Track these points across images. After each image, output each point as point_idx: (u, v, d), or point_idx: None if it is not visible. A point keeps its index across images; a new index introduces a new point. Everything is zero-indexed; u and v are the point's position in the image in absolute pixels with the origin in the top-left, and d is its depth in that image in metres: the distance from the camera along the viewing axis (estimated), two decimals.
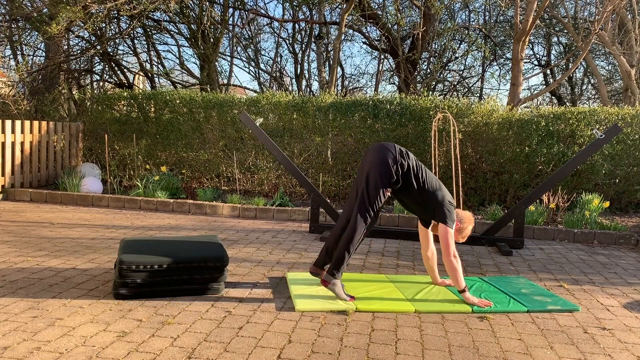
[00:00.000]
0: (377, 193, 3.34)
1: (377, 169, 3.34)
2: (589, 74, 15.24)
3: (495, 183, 6.99)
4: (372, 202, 3.35)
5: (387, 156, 3.35)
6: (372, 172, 3.35)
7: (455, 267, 3.36)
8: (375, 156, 3.38)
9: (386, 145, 3.42)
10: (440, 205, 3.39)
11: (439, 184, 3.47)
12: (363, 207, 3.35)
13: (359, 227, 3.34)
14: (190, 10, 10.34)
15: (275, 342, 2.72)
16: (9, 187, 7.12)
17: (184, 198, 7.05)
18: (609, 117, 6.82)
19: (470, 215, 3.64)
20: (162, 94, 8.00)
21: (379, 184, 3.33)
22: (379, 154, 3.37)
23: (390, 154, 3.36)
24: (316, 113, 7.29)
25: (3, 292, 3.30)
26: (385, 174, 3.33)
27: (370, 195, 3.34)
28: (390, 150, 3.39)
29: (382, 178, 3.33)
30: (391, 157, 3.35)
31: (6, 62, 11.00)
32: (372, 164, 3.37)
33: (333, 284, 3.36)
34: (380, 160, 3.35)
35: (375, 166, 3.35)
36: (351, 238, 3.33)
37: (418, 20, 11.58)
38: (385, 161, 3.34)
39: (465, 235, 3.59)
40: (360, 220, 3.34)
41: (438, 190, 3.42)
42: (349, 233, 3.35)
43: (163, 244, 3.54)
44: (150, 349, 2.57)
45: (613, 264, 4.68)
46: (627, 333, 3.03)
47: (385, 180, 3.34)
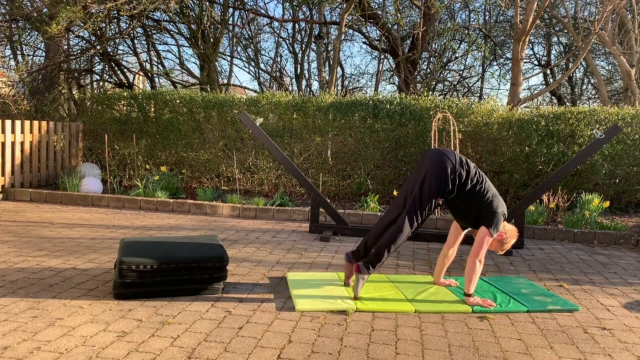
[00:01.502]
0: (430, 200, 3.31)
1: (435, 176, 3.29)
2: (589, 74, 15.25)
3: (495, 183, 6.99)
4: (423, 208, 3.32)
5: (446, 164, 3.30)
6: (429, 177, 3.31)
7: (476, 269, 3.34)
8: (434, 162, 3.33)
9: (446, 153, 3.36)
10: (494, 213, 3.34)
11: (495, 193, 3.42)
12: (412, 212, 3.33)
13: (404, 230, 3.33)
14: (190, 10, 10.34)
15: (275, 342, 2.72)
16: (9, 187, 7.12)
17: (184, 198, 7.05)
18: (609, 117, 6.82)
19: (516, 230, 3.58)
20: (162, 94, 8.00)
21: (433, 191, 3.30)
22: (439, 161, 3.32)
23: (450, 163, 3.31)
24: (316, 113, 7.29)
25: (3, 292, 3.30)
26: (442, 182, 3.29)
27: (422, 201, 3.31)
28: (450, 158, 3.33)
29: (437, 186, 3.29)
30: (450, 166, 3.31)
31: (6, 62, 11.01)
32: (429, 170, 3.32)
33: (363, 277, 3.37)
34: (439, 167, 3.30)
35: (433, 172, 3.30)
36: (395, 239, 3.33)
37: (418, 20, 11.58)
38: (444, 169, 3.29)
39: (505, 249, 3.53)
40: (407, 224, 3.33)
41: (495, 198, 3.38)
42: (393, 233, 3.34)
43: (163, 244, 3.54)
44: (150, 349, 2.57)
45: (613, 264, 4.68)
46: (627, 333, 3.03)
47: (441, 188, 3.30)
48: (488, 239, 3.33)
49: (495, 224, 3.33)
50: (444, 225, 5.94)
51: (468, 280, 3.37)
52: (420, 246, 5.17)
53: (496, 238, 3.45)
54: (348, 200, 7.31)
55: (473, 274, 3.35)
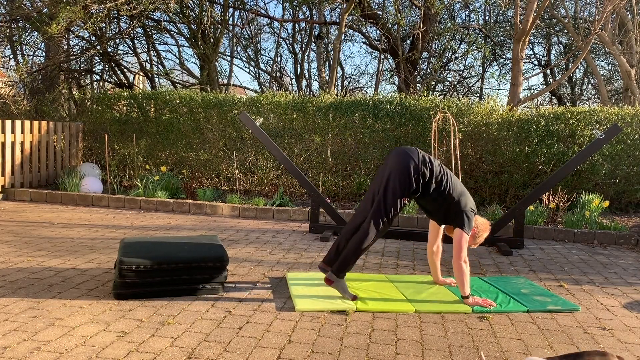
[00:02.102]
0: (395, 201, 3.27)
1: (398, 177, 3.25)
2: (589, 74, 15.25)
3: (495, 183, 6.99)
4: (389, 210, 3.28)
5: (409, 164, 3.26)
6: (392, 179, 3.26)
7: (464, 271, 3.33)
8: (397, 162, 3.28)
9: (409, 152, 3.31)
10: (462, 211, 3.33)
11: (462, 190, 3.40)
12: (378, 214, 3.29)
13: (370, 233, 3.29)
14: (190, 10, 10.34)
15: (275, 342, 2.72)
16: (9, 187, 7.12)
17: (184, 198, 7.05)
18: (609, 117, 6.82)
19: (488, 223, 3.58)
20: (162, 94, 8.00)
21: (397, 192, 3.26)
22: (402, 161, 3.27)
23: (413, 162, 3.26)
24: (316, 113, 7.29)
25: (3, 292, 3.30)
26: (405, 183, 3.25)
27: (387, 203, 3.27)
28: (413, 157, 3.28)
29: (401, 186, 3.25)
30: (413, 165, 3.26)
31: (6, 62, 11.00)
32: (392, 170, 3.28)
33: (337, 283, 3.35)
34: (402, 167, 3.26)
35: (396, 173, 3.26)
36: (361, 242, 3.29)
37: (418, 20, 11.58)
38: (407, 169, 3.25)
39: (478, 242, 3.54)
40: (373, 227, 3.29)
41: (462, 196, 3.36)
42: (360, 237, 3.30)
43: (163, 244, 3.54)
44: (150, 349, 2.57)
45: (613, 264, 4.68)
46: (627, 333, 3.03)
47: (405, 189, 3.26)
48: (465, 237, 3.33)
49: (467, 222, 3.33)
50: None
51: (460, 283, 3.36)
52: (421, 246, 5.17)
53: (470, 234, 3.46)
54: (348, 200, 7.31)
55: (463, 276, 3.34)
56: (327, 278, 3.37)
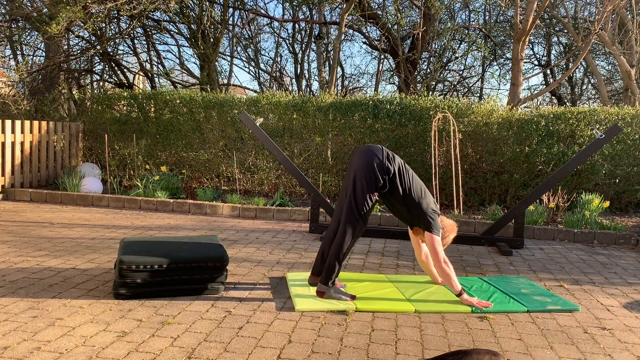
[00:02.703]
0: (364, 198, 3.29)
1: (364, 174, 3.28)
2: (589, 74, 15.25)
3: (495, 183, 6.99)
4: (360, 207, 3.30)
5: (373, 160, 3.29)
6: (359, 176, 3.30)
7: (448, 273, 3.33)
8: (361, 160, 3.32)
9: (372, 149, 3.35)
10: (424, 213, 3.35)
11: (423, 191, 3.40)
12: (351, 213, 3.31)
13: (347, 234, 3.31)
14: (190, 10, 10.34)
15: (275, 342, 2.72)
16: (9, 187, 7.12)
17: (184, 198, 7.05)
18: (609, 117, 6.82)
19: (454, 224, 3.59)
20: (162, 94, 8.00)
21: (365, 188, 3.28)
22: (365, 158, 3.31)
23: (377, 158, 3.30)
24: (316, 113, 7.29)
25: (3, 292, 3.30)
26: (372, 178, 3.28)
27: (357, 201, 3.30)
28: (377, 154, 3.32)
29: (368, 183, 3.28)
30: (377, 161, 3.29)
31: (6, 62, 11.00)
32: (358, 168, 3.31)
33: (329, 292, 3.35)
34: (366, 164, 3.29)
35: (362, 170, 3.29)
36: (340, 246, 3.31)
37: (418, 20, 11.58)
38: (371, 165, 3.28)
39: (446, 243, 3.53)
40: (348, 227, 3.31)
41: (422, 198, 3.37)
42: (338, 241, 3.33)
43: (163, 244, 3.54)
44: (150, 349, 2.57)
45: (613, 264, 4.68)
46: (627, 333, 3.03)
47: (372, 184, 3.29)
48: (437, 239, 3.34)
49: (433, 224, 3.34)
50: None
51: (449, 284, 3.37)
52: None
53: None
54: None
55: (449, 278, 3.34)
56: (318, 291, 3.36)
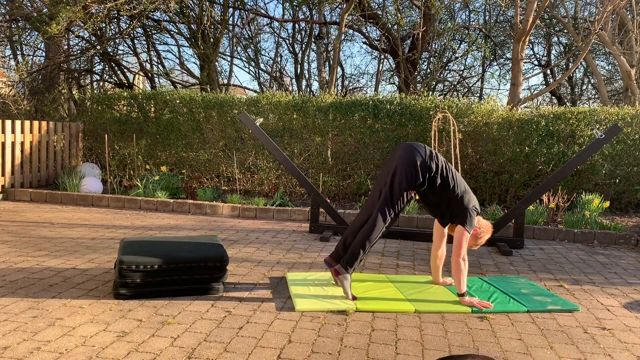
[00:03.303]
0: (401, 194, 3.32)
1: (405, 170, 3.31)
2: (589, 74, 15.25)
3: (495, 183, 6.99)
4: (395, 202, 3.33)
5: (416, 158, 3.31)
6: (399, 172, 3.32)
7: (462, 269, 3.34)
8: (403, 156, 3.34)
9: (416, 146, 3.37)
10: (465, 209, 3.36)
11: (466, 188, 3.44)
12: (385, 206, 3.34)
13: (377, 225, 3.33)
14: (190, 10, 10.34)
15: (275, 342, 2.72)
16: (9, 187, 7.12)
17: (184, 198, 7.05)
18: (609, 117, 6.82)
19: (490, 225, 3.60)
20: (162, 94, 8.00)
21: (404, 184, 3.31)
22: (408, 155, 3.33)
23: (420, 156, 3.32)
24: (316, 113, 7.29)
25: (3, 292, 3.30)
26: (412, 175, 3.30)
27: (394, 195, 3.33)
28: (420, 151, 3.34)
29: (407, 179, 3.30)
30: (420, 159, 3.31)
31: (6, 62, 11.00)
32: (399, 164, 3.33)
33: (344, 277, 3.37)
34: (409, 161, 3.31)
35: (403, 166, 3.31)
36: (368, 235, 3.33)
37: (418, 20, 11.58)
38: (413, 162, 3.30)
39: (479, 244, 3.55)
40: (380, 219, 3.33)
41: (465, 194, 3.39)
42: (367, 230, 3.34)
43: (163, 244, 3.54)
44: (150, 349, 2.57)
45: (613, 264, 4.68)
46: (627, 333, 3.03)
47: (411, 182, 3.31)
48: (466, 235, 3.35)
49: (470, 220, 3.35)
50: None
51: (457, 280, 3.38)
52: (421, 246, 5.17)
53: (472, 233, 3.46)
54: (348, 200, 7.31)
55: (460, 273, 3.35)
56: (335, 269, 3.39)
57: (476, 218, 3.44)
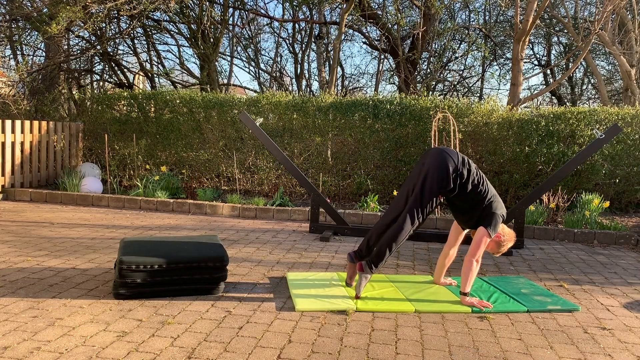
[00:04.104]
0: (431, 197, 3.33)
1: (436, 174, 3.31)
2: (589, 74, 15.25)
3: (495, 183, 6.99)
4: (425, 205, 3.34)
5: (448, 163, 3.32)
6: (430, 175, 3.32)
7: (473, 269, 3.34)
8: (436, 160, 3.34)
9: (449, 152, 3.38)
10: (493, 214, 3.36)
11: (495, 194, 3.45)
12: (414, 209, 3.34)
13: (405, 227, 3.34)
14: (190, 10, 10.34)
15: (275, 342, 2.72)
16: (9, 187, 7.12)
17: (184, 198, 7.05)
18: (609, 117, 6.82)
19: (514, 235, 3.59)
20: (162, 94, 8.00)
21: (435, 189, 3.31)
22: (441, 159, 3.34)
23: (452, 162, 3.33)
24: (316, 113, 7.29)
25: (3, 292, 3.30)
26: (444, 180, 3.30)
27: (424, 199, 3.33)
28: (452, 157, 3.35)
29: (439, 184, 3.31)
30: (452, 165, 3.32)
31: (6, 62, 11.00)
32: (431, 168, 3.33)
33: (366, 276, 3.38)
34: (441, 165, 3.32)
35: (435, 171, 3.32)
36: (396, 236, 3.34)
37: (418, 20, 11.59)
38: (445, 168, 3.31)
39: (501, 252, 3.54)
40: (408, 221, 3.34)
41: (494, 200, 3.40)
42: (395, 231, 3.35)
43: (163, 244, 3.54)
44: (150, 349, 2.57)
45: (613, 264, 4.68)
46: (627, 333, 3.03)
47: (442, 186, 3.32)
48: (486, 238, 3.34)
49: (494, 224, 3.35)
50: (444, 225, 5.94)
51: (465, 278, 3.37)
52: (420, 246, 5.17)
53: (494, 239, 3.46)
54: (348, 200, 7.31)
55: (470, 273, 3.35)
56: (361, 263, 3.39)
57: (501, 225, 3.44)
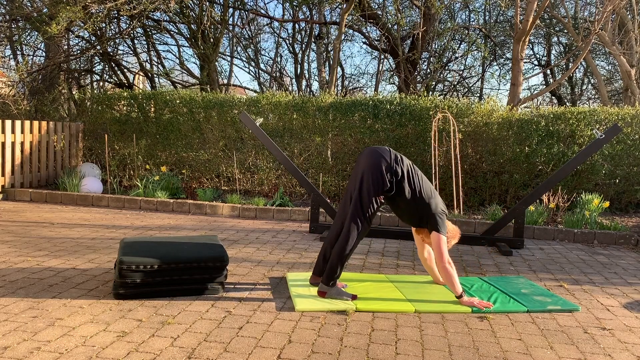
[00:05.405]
0: (370, 200, 3.28)
1: (370, 176, 3.26)
2: (589, 74, 15.25)
3: (495, 183, 6.99)
4: (365, 209, 3.29)
5: (380, 162, 3.27)
6: (365, 178, 3.28)
7: (450, 273, 3.32)
8: (368, 162, 3.30)
9: (380, 151, 3.33)
10: (433, 214, 3.35)
11: (432, 192, 3.41)
12: (356, 215, 3.29)
13: (351, 235, 3.29)
14: (190, 10, 10.34)
15: (275, 342, 2.72)
16: (9, 187, 7.12)
17: (184, 198, 7.05)
18: (609, 117, 6.82)
19: (458, 230, 3.61)
20: (162, 94, 8.00)
21: (371, 191, 3.27)
22: (373, 160, 3.29)
23: (384, 161, 3.28)
24: (316, 113, 7.29)
25: (3, 292, 3.30)
26: (378, 181, 3.26)
27: (363, 203, 3.28)
28: (384, 156, 3.30)
29: (375, 185, 3.26)
30: (385, 163, 3.27)
31: (6, 62, 11.00)
32: (365, 170, 3.29)
33: (330, 293, 3.35)
34: (374, 166, 3.27)
35: (368, 172, 3.27)
36: (344, 248, 3.29)
37: (418, 20, 11.59)
38: (378, 167, 3.26)
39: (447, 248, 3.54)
40: (353, 228, 3.29)
41: (432, 198, 3.37)
42: (341, 242, 3.31)
43: (163, 244, 3.54)
44: (150, 349, 2.57)
45: (613, 264, 4.68)
46: (627, 333, 3.03)
47: (379, 187, 3.27)
48: (443, 239, 3.34)
49: (441, 224, 3.35)
50: None
51: (450, 285, 3.36)
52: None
53: None
54: None
55: (450, 277, 3.33)
56: (319, 291, 3.36)
57: (446, 221, 3.43)
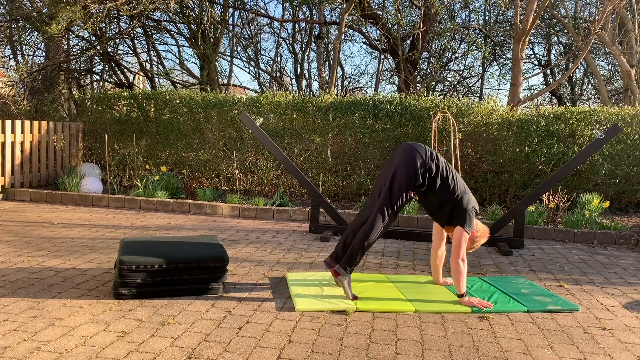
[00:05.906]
0: (401, 194, 3.33)
1: (405, 170, 3.32)
2: (589, 74, 15.24)
3: (495, 183, 6.99)
4: (394, 202, 3.34)
5: (416, 158, 3.32)
6: (399, 172, 3.33)
7: (461, 270, 3.35)
8: (404, 156, 3.35)
9: (416, 147, 3.38)
10: (464, 210, 3.37)
11: (465, 189, 3.44)
12: (384, 206, 3.35)
13: (376, 225, 3.34)
14: (190, 10, 10.34)
15: (275, 342, 2.72)
16: (9, 187, 7.12)
17: (184, 198, 7.05)
18: (609, 117, 6.82)
19: (487, 230, 3.61)
20: (162, 94, 8.00)
21: (403, 185, 3.32)
22: (409, 155, 3.34)
23: (420, 157, 3.33)
24: (316, 113, 7.29)
25: (3, 292, 3.30)
26: (412, 176, 3.31)
27: (393, 195, 3.34)
28: (420, 152, 3.35)
29: (407, 180, 3.31)
30: (420, 160, 3.32)
31: (6, 62, 11.00)
32: (400, 164, 3.34)
33: (343, 277, 3.38)
34: (409, 161, 3.32)
35: (403, 167, 3.32)
36: (367, 235, 3.34)
37: (418, 20, 11.58)
38: (414, 163, 3.31)
39: (475, 247, 3.56)
40: (379, 218, 3.34)
41: (465, 195, 3.40)
42: (365, 230, 3.35)
43: (163, 244, 3.54)
44: (150, 349, 2.57)
45: (613, 264, 4.68)
46: (627, 333, 3.03)
47: (411, 182, 3.32)
48: (465, 236, 3.36)
49: (469, 221, 3.36)
50: None
51: (456, 281, 3.38)
52: (420, 246, 5.17)
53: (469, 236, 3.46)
54: (348, 200, 7.30)
55: (459, 275, 3.35)
56: (335, 270, 3.40)
57: (475, 220, 3.44)
